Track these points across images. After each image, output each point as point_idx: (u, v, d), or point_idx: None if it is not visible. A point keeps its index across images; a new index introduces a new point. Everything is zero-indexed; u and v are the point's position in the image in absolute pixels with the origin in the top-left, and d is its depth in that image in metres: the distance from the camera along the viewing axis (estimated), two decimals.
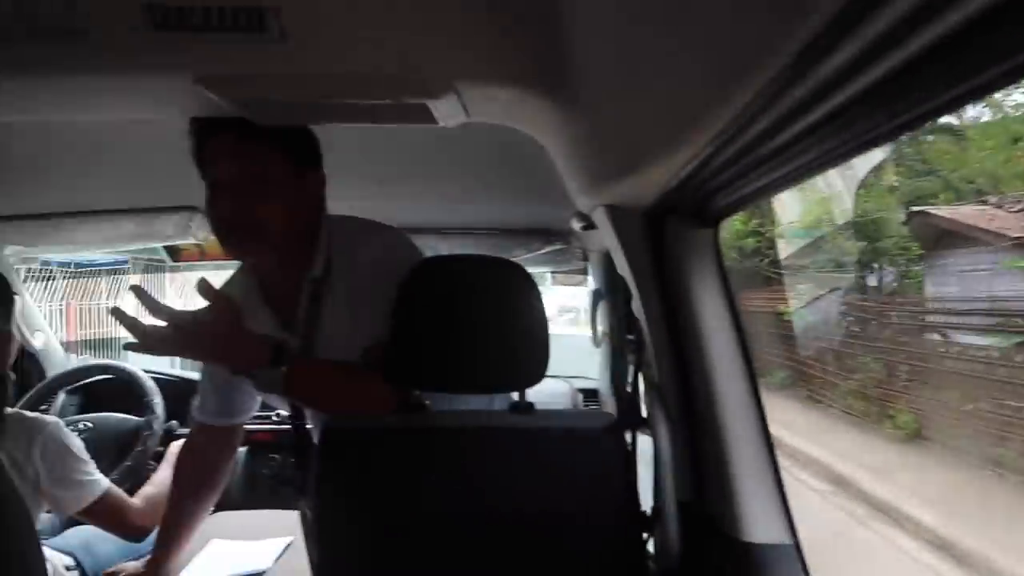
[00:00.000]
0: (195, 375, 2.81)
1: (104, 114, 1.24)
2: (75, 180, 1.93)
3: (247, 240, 1.33)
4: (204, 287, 1.20)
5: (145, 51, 1.00)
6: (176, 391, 2.61)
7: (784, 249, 7.92)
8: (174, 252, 2.58)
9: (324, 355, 1.44)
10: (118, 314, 1.21)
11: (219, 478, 1.74)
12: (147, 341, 1.21)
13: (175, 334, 1.21)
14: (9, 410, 1.84)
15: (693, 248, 1.12)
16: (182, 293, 7.81)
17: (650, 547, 1.36)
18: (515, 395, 1.60)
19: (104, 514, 1.80)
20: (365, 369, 1.34)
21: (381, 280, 1.33)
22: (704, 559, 1.19)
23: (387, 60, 1.00)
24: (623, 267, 1.27)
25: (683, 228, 1.12)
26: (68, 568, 1.90)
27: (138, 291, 1.20)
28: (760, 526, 1.06)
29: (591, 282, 2.76)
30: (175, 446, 2.15)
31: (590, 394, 2.72)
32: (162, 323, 1.21)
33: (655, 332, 1.23)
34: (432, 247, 2.38)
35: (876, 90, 0.50)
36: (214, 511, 1.82)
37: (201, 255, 2.55)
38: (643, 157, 0.89)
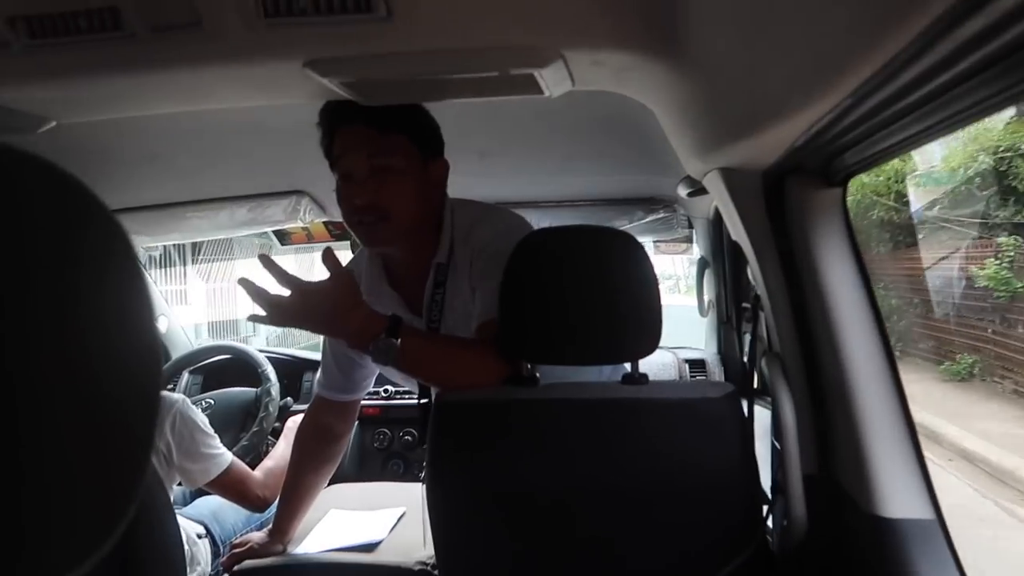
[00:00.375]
0: (307, 354, 2.92)
1: (218, 104, 1.28)
2: (191, 170, 2.01)
3: (377, 230, 1.38)
4: (330, 258, 1.23)
5: (256, 40, 1.02)
6: (290, 369, 2.71)
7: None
8: (282, 236, 2.67)
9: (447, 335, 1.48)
10: (245, 284, 1.25)
11: (338, 450, 1.81)
12: (272, 312, 1.25)
13: (297, 304, 1.23)
14: None
15: (818, 209, 1.06)
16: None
17: (768, 523, 1.32)
18: (626, 366, 1.59)
19: (229, 486, 1.90)
20: (476, 342, 1.36)
21: (496, 262, 1.35)
22: (833, 533, 1.14)
23: (493, 32, 0.98)
24: (739, 232, 1.22)
25: (807, 188, 1.06)
26: (199, 536, 2.02)
27: (265, 260, 1.23)
28: (898, 500, 1.01)
29: (696, 250, 2.69)
30: (292, 421, 2.24)
31: (696, 364, 2.66)
32: (285, 293, 1.24)
33: (775, 299, 1.18)
34: (533, 221, 2.36)
35: None
36: (330, 483, 1.89)
37: (309, 238, 2.63)
38: (766, 115, 0.84)
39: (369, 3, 0.95)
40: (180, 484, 2.02)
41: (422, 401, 1.59)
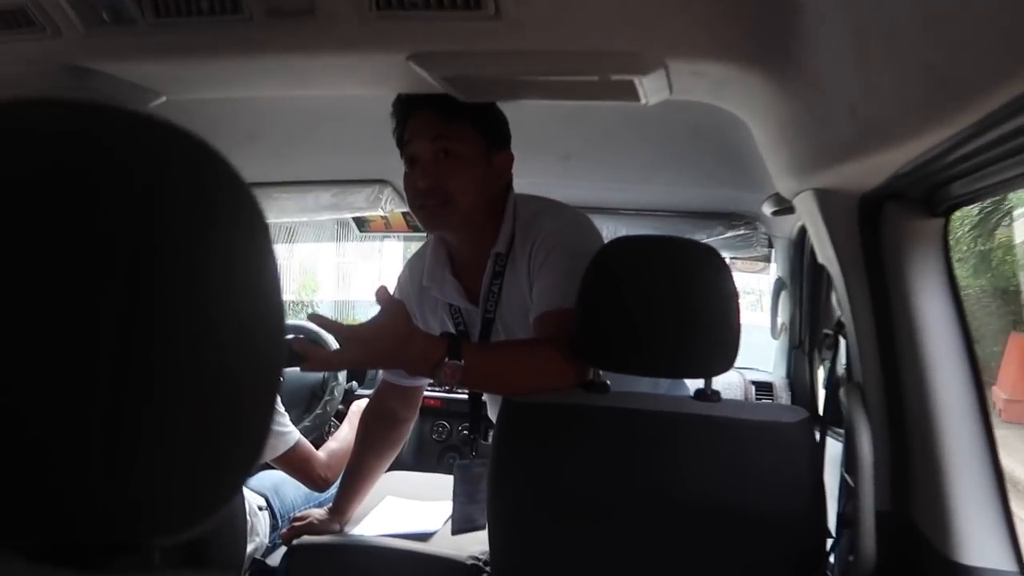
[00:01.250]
0: None
1: (323, 91, 1.32)
2: (282, 152, 2.07)
3: (437, 213, 1.42)
4: (382, 295, 1.24)
5: (365, 30, 1.04)
6: None
7: None
8: (362, 223, 2.72)
9: (504, 328, 1.49)
10: (316, 319, 1.28)
11: (400, 435, 1.84)
12: (323, 364, 1.28)
13: (354, 350, 1.24)
14: None
15: (917, 238, 1.02)
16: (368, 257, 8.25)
17: (831, 558, 1.28)
18: (686, 383, 1.56)
19: (295, 463, 1.95)
20: (539, 345, 1.35)
21: (557, 255, 1.38)
22: (903, 574, 1.10)
23: (598, 37, 0.99)
24: (827, 255, 1.19)
25: (907, 216, 1.02)
26: (260, 508, 2.08)
27: (315, 318, 1.27)
28: (978, 547, 0.97)
29: (773, 270, 2.64)
30: (356, 405, 2.28)
31: (763, 387, 2.61)
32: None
33: (860, 327, 1.15)
34: (612, 229, 2.36)
35: None
36: (388, 470, 1.92)
37: (387, 227, 2.68)
38: (873, 138, 0.82)
39: (479, 1, 0.96)
40: None
41: (473, 393, 1.61)
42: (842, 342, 1.31)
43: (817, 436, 1.23)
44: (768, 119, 1.12)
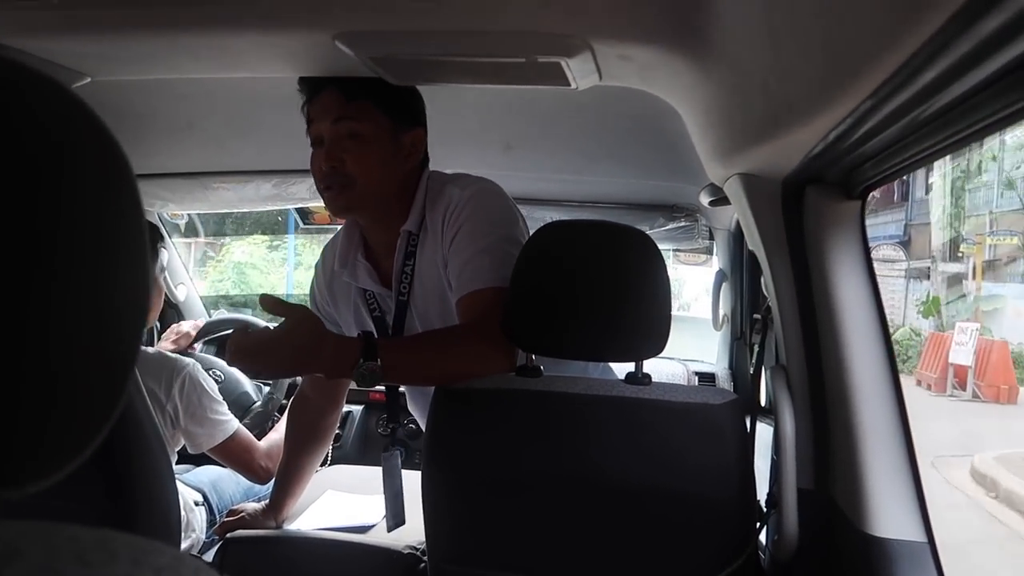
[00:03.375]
0: None
1: (249, 72, 1.30)
2: (221, 141, 2.04)
3: (340, 196, 1.39)
4: (267, 303, 1.22)
5: (291, 7, 1.03)
6: None
7: None
8: (305, 215, 2.69)
9: (420, 311, 1.46)
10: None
11: (326, 428, 1.80)
12: (237, 360, 1.22)
13: (256, 352, 1.20)
14: (150, 350, 1.99)
15: (835, 221, 1.05)
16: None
17: (762, 538, 1.31)
18: (612, 367, 1.57)
19: (233, 453, 1.92)
20: (462, 332, 1.33)
21: (471, 228, 1.36)
22: (823, 549, 1.13)
23: (522, 17, 0.99)
24: (755, 241, 1.21)
25: (825, 199, 1.05)
26: (197, 503, 2.04)
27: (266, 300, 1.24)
28: (892, 520, 0.99)
29: (715, 262, 2.68)
30: None
31: (706, 377, 2.65)
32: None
33: (785, 309, 1.17)
34: (552, 218, 2.37)
35: None
36: (330, 464, 1.89)
37: (331, 218, 2.65)
38: (789, 117, 0.84)
39: None
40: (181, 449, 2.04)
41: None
42: (771, 326, 1.34)
43: (748, 421, 1.26)
44: (694, 104, 1.14)
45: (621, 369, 1.43)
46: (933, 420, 8.24)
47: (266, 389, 2.49)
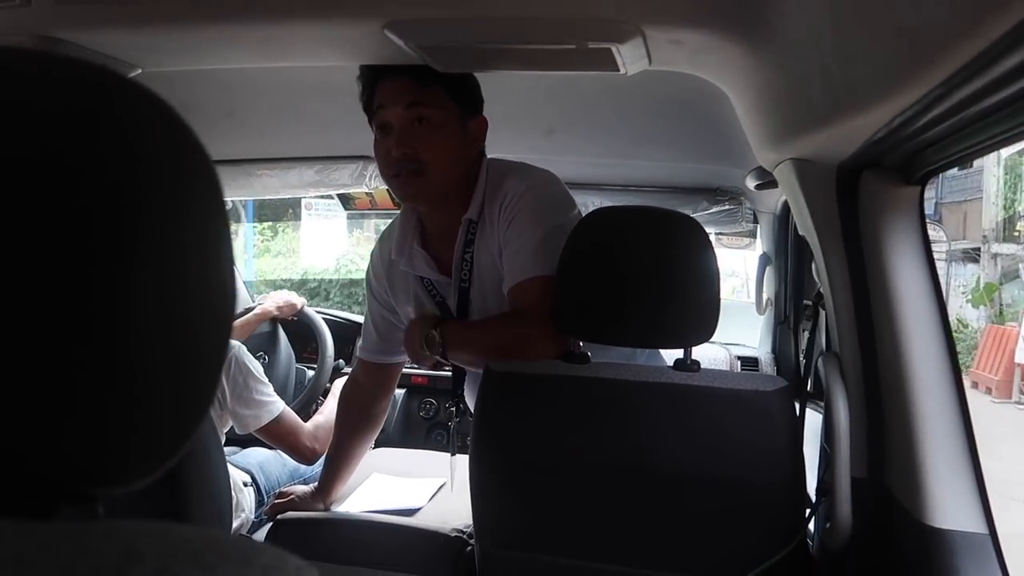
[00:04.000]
0: (362, 318, 2.97)
1: (299, 61, 1.30)
2: (265, 128, 2.06)
3: (412, 183, 1.40)
4: None
5: None
6: (343, 332, 2.76)
7: None
8: (347, 200, 2.71)
9: (481, 296, 1.48)
10: None
11: (378, 414, 1.83)
12: None
13: None
14: None
15: (893, 206, 1.03)
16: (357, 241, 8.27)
17: (810, 526, 1.30)
18: (661, 355, 1.57)
19: (280, 434, 1.95)
20: (514, 317, 1.37)
21: (526, 218, 1.37)
22: (878, 539, 1.12)
23: (574, 3, 0.98)
24: (807, 226, 1.19)
25: (883, 184, 1.03)
26: (245, 484, 2.09)
27: None
28: (951, 511, 0.98)
29: (759, 245, 2.65)
30: (340, 382, 2.29)
31: (749, 362, 2.62)
32: None
33: (838, 297, 1.16)
34: (595, 203, 2.36)
35: None
36: (376, 447, 1.92)
37: (372, 204, 2.67)
38: (847, 103, 0.82)
39: None
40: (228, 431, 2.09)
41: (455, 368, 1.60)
42: (822, 313, 1.32)
43: (797, 406, 1.24)
44: (747, 88, 1.12)
45: (668, 356, 1.43)
46: (1001, 439, 6.26)
47: (310, 373, 2.52)
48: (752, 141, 1.32)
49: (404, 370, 1.86)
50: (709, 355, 2.57)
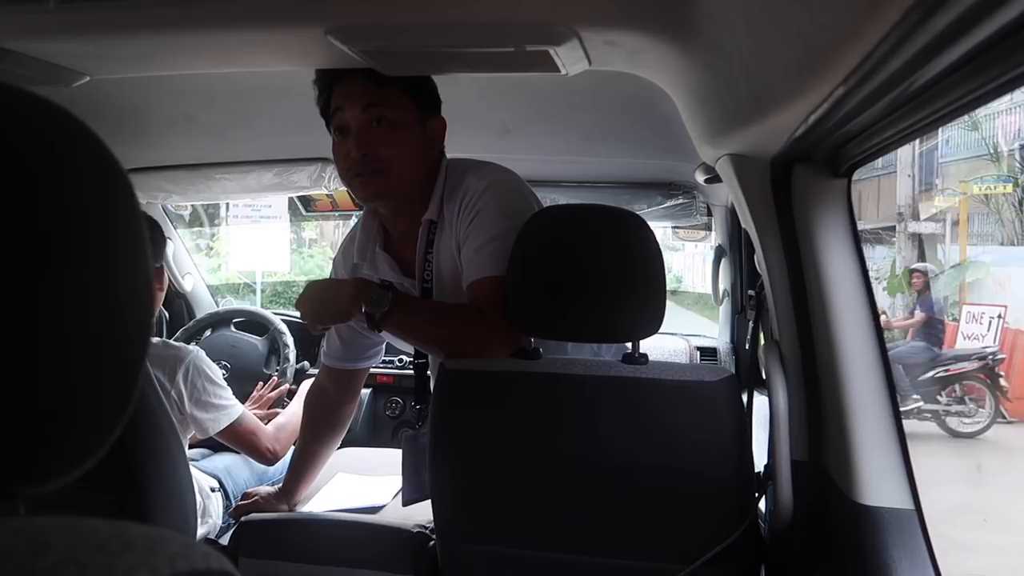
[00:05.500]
0: None
1: (245, 67, 1.32)
2: (222, 132, 2.06)
3: (372, 183, 1.40)
4: None
5: (279, 5, 1.05)
6: (307, 334, 2.77)
7: None
8: (307, 202, 2.71)
9: (441, 298, 1.49)
10: None
11: (342, 418, 1.84)
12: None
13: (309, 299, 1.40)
14: (156, 339, 2.02)
15: (822, 199, 1.07)
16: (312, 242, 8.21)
17: (761, 507, 1.34)
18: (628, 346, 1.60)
19: (240, 437, 1.96)
20: (469, 308, 1.38)
21: (484, 217, 1.38)
22: (818, 519, 1.16)
23: (508, 7, 1.00)
24: (746, 219, 1.23)
25: (812, 177, 1.07)
26: (213, 489, 2.09)
27: None
28: (880, 489, 1.02)
29: (714, 238, 2.70)
30: (306, 384, 2.30)
31: (708, 352, 2.67)
32: None
33: (776, 286, 1.20)
34: (552, 199, 2.38)
35: None
36: (342, 447, 1.93)
37: (332, 205, 2.67)
38: (770, 101, 0.86)
39: None
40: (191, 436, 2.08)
41: (418, 361, 1.62)
42: (765, 302, 1.36)
43: (745, 395, 1.28)
44: (683, 87, 1.15)
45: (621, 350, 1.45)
46: (934, 470, 5.11)
47: (274, 377, 2.53)
48: (693, 137, 1.36)
49: (371, 370, 1.87)
50: (669, 346, 2.62)
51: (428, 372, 1.69)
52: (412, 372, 2.51)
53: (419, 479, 1.66)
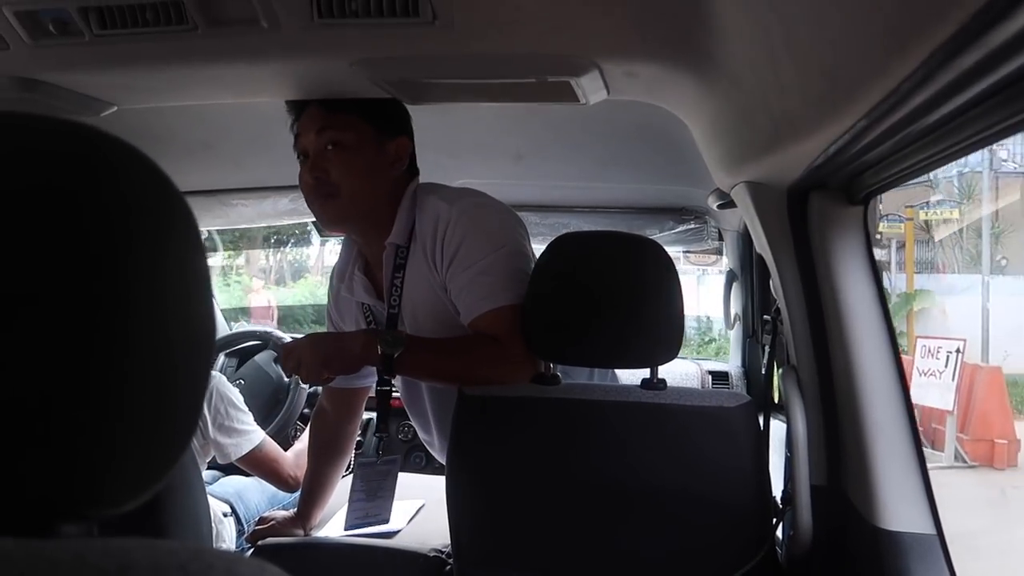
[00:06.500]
0: None
1: (271, 97, 1.35)
2: (238, 159, 2.09)
3: (327, 207, 1.41)
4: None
5: (308, 38, 1.07)
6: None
7: None
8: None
9: (410, 321, 1.48)
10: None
11: (345, 438, 1.84)
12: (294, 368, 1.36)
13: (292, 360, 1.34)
14: None
15: (839, 225, 1.09)
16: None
17: (778, 533, 1.34)
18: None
19: (262, 463, 1.96)
20: (480, 338, 1.37)
21: (473, 248, 1.36)
22: (838, 544, 1.16)
23: (531, 40, 1.03)
24: (762, 245, 1.25)
25: (829, 205, 1.09)
26: (225, 514, 2.09)
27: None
28: (901, 514, 1.03)
29: (725, 262, 2.71)
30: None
31: (720, 376, 2.68)
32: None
33: (793, 312, 1.21)
34: (565, 225, 2.40)
35: None
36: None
37: None
38: (790, 130, 0.88)
39: (416, 7, 1.00)
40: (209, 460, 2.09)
41: (381, 389, 1.57)
42: (781, 328, 1.37)
43: (761, 419, 1.29)
44: (700, 116, 1.18)
45: (626, 374, 1.46)
46: None
47: (288, 400, 2.54)
48: (709, 165, 1.38)
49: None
50: (680, 370, 2.62)
51: (391, 399, 1.67)
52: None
53: (364, 505, 1.65)
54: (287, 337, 2.74)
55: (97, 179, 0.41)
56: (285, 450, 2.10)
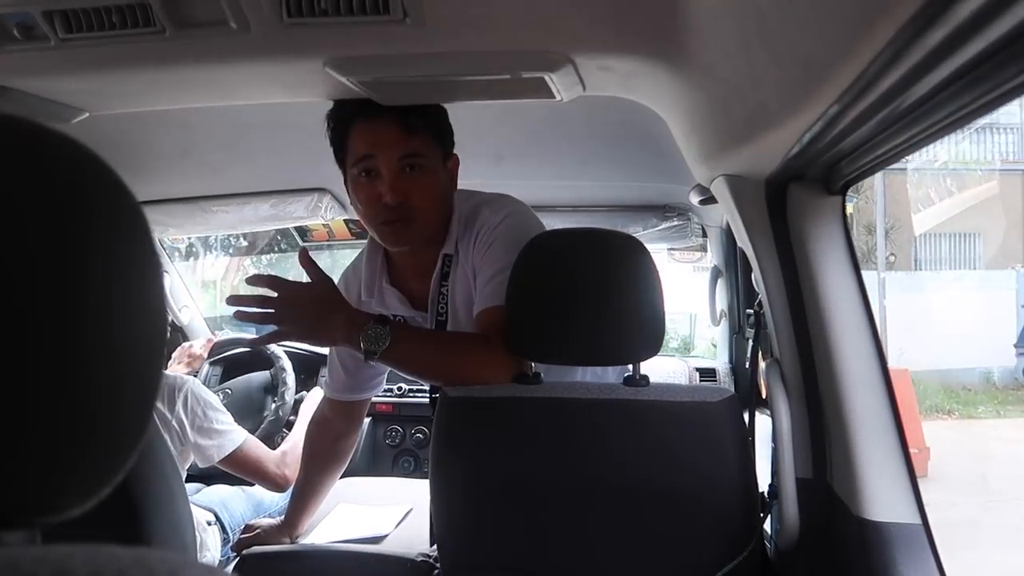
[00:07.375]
0: (323, 349, 2.97)
1: (244, 100, 1.33)
2: (219, 165, 2.07)
3: (404, 231, 1.38)
4: (305, 259, 1.28)
5: (279, 38, 1.06)
6: (306, 364, 2.76)
7: None
8: (304, 233, 2.72)
9: (452, 327, 1.47)
10: (255, 280, 1.30)
11: (345, 449, 1.82)
12: (261, 315, 1.28)
13: (280, 304, 1.26)
14: None
15: (818, 216, 1.08)
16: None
17: (767, 527, 1.34)
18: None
19: (245, 462, 1.93)
20: (472, 336, 1.37)
21: (499, 248, 1.36)
22: (824, 536, 1.16)
23: (504, 36, 1.02)
24: (743, 239, 1.25)
25: (807, 196, 1.08)
26: (209, 523, 2.06)
27: (254, 278, 1.30)
28: (886, 504, 1.02)
29: (709, 259, 2.71)
30: (305, 410, 2.29)
31: (707, 372, 2.68)
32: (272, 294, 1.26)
33: (775, 305, 1.21)
34: (547, 224, 2.39)
35: (1018, 35, 0.48)
36: (342, 477, 1.92)
37: (329, 235, 2.68)
38: (764, 122, 0.87)
39: (387, 5, 0.99)
40: (190, 466, 2.06)
41: (433, 396, 1.60)
42: (764, 321, 1.37)
43: (747, 414, 1.29)
44: (677, 109, 1.17)
45: (615, 373, 1.46)
46: None
47: (273, 406, 2.52)
48: (688, 159, 1.37)
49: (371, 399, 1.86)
50: (668, 368, 2.62)
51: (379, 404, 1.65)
52: (413, 400, 2.49)
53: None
54: (273, 345, 2.73)
55: (42, 178, 0.39)
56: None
